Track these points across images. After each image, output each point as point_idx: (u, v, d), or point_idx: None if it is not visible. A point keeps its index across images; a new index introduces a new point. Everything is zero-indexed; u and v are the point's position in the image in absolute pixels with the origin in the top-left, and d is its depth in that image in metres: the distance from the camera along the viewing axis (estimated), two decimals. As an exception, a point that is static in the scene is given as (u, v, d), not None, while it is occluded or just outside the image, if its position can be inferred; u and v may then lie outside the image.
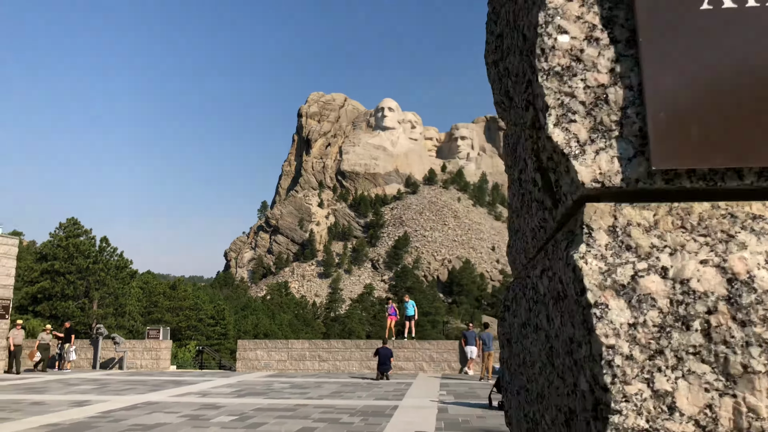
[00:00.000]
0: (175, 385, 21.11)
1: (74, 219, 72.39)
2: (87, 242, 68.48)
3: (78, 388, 20.13)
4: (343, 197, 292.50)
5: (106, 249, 70.71)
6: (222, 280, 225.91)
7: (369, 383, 22.10)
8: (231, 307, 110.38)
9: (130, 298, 71.21)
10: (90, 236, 71.00)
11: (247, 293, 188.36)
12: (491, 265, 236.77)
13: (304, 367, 27.58)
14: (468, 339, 24.79)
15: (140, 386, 20.68)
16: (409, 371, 26.98)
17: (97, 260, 67.75)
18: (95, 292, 66.45)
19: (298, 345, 28.04)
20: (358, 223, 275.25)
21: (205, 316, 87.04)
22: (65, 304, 63.23)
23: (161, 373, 26.66)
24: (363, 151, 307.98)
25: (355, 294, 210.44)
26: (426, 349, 27.31)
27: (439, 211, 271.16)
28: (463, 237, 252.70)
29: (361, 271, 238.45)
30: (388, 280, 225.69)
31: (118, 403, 16.08)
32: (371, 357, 27.31)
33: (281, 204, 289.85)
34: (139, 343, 29.18)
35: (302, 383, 21.92)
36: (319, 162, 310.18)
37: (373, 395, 18.04)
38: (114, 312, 67.27)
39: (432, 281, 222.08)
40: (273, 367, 27.76)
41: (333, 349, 27.68)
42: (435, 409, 15.20)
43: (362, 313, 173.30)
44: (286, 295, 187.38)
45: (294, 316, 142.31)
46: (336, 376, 25.26)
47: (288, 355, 27.83)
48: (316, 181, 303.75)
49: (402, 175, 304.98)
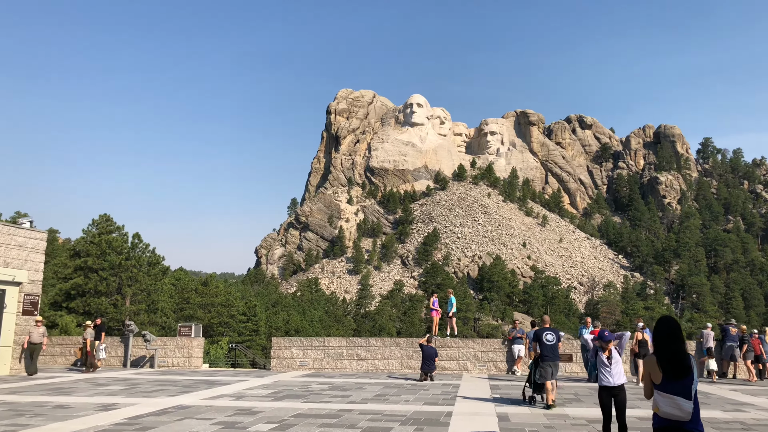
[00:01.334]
0: (207, 386, 19.91)
1: (107, 215, 72.39)
2: (119, 239, 68.33)
3: (106, 389, 19.06)
4: (372, 194, 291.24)
5: (139, 245, 70.49)
6: (253, 277, 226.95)
7: (413, 385, 20.59)
8: (262, 303, 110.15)
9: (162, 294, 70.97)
10: (122, 233, 70.91)
11: (278, 290, 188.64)
12: (522, 261, 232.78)
13: (342, 367, 26.19)
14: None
15: (171, 387, 19.52)
16: (453, 371, 25.39)
17: (129, 256, 67.49)
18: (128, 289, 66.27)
19: (335, 343, 26.66)
20: (387, 219, 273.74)
21: (237, 313, 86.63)
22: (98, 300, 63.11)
23: (193, 372, 25.58)
24: (392, 147, 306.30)
25: (384, 290, 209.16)
26: (470, 348, 25.67)
27: (468, 207, 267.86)
28: (493, 233, 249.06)
29: (391, 267, 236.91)
30: (418, 277, 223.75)
31: (147, 406, 14.87)
32: (411, 356, 25.79)
33: (311, 201, 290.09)
34: (171, 340, 28.16)
35: (341, 384, 20.51)
36: (348, 159, 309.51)
37: (420, 399, 16.52)
38: (146, 308, 67.04)
39: (462, 277, 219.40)
40: (309, 366, 26.45)
41: (372, 348, 26.22)
42: (494, 416, 13.61)
43: (392, 310, 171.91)
44: (316, 291, 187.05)
45: (324, 312, 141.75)
46: (376, 376, 23.82)
47: (324, 354, 26.46)
48: (345, 177, 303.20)
49: (431, 171, 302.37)
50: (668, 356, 6.52)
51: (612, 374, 10.64)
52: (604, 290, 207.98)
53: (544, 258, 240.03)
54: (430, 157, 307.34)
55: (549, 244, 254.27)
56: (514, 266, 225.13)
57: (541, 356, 15.52)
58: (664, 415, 6.35)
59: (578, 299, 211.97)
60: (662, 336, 6.69)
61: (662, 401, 6.37)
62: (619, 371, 10.70)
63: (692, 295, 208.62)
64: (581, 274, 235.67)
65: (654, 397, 6.53)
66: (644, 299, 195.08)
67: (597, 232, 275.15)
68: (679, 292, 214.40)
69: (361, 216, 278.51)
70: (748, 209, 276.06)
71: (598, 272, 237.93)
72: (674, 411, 6.28)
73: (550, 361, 15.37)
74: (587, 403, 16.13)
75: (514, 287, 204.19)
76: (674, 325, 6.80)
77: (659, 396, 6.43)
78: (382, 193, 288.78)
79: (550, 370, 15.31)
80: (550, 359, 15.38)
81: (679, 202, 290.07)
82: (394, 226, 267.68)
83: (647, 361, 6.61)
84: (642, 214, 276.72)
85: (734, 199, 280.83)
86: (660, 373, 6.45)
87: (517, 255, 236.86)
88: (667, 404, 6.31)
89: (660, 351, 6.58)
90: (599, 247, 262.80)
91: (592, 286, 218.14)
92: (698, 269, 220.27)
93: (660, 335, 6.70)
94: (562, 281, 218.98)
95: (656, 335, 6.72)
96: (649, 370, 6.55)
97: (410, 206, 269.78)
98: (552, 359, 15.41)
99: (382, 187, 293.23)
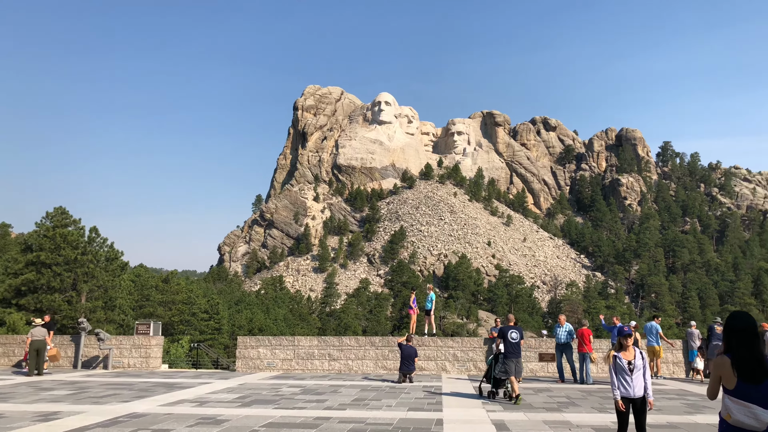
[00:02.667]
0: (166, 390, 18.10)
1: (62, 208, 69.01)
2: (75, 232, 64.98)
3: (50, 394, 17.06)
4: (338, 191, 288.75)
5: (96, 239, 67.22)
6: (215, 275, 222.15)
7: (392, 387, 19.17)
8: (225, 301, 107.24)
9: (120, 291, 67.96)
10: (78, 226, 67.57)
11: (241, 287, 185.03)
12: (487, 260, 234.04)
13: (313, 368, 24.58)
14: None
15: (125, 391, 17.64)
16: (431, 372, 24.07)
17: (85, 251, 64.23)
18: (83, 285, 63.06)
19: (306, 342, 25.01)
20: (354, 217, 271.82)
21: (199, 311, 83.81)
22: (51, 297, 59.87)
23: (151, 374, 23.63)
24: (359, 145, 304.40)
25: (350, 289, 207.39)
26: (449, 347, 24.38)
27: (435, 205, 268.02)
28: (459, 232, 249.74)
29: (357, 265, 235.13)
30: (384, 275, 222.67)
31: (94, 415, 13.06)
32: (387, 355, 24.38)
33: (276, 198, 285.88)
34: (127, 339, 26.07)
35: (314, 387, 18.95)
36: (315, 156, 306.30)
37: (404, 404, 15.11)
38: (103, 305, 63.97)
39: (428, 276, 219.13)
40: (277, 367, 24.77)
41: (345, 347, 24.68)
42: (489, 423, 12.29)
43: (358, 308, 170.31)
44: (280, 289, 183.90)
45: (289, 310, 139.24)
46: (350, 377, 22.32)
47: (294, 354, 24.80)
48: (312, 174, 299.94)
49: (398, 169, 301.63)
50: (746, 357, 5.59)
51: (633, 385, 9.07)
52: (567, 289, 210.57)
53: (509, 257, 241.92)
54: (397, 156, 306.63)
55: (513, 243, 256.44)
56: (479, 265, 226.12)
57: (504, 353, 16.18)
58: (736, 424, 5.60)
59: (541, 298, 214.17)
60: (738, 334, 5.63)
61: (735, 408, 5.59)
62: (640, 382, 9.11)
63: (651, 295, 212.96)
64: (544, 273, 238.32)
65: (725, 403, 5.73)
66: (606, 298, 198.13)
67: (560, 232, 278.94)
68: (639, 292, 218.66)
69: (327, 214, 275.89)
70: (704, 211, 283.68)
71: (560, 271, 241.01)
72: (749, 420, 5.50)
73: (514, 357, 16.06)
74: (584, 407, 14.98)
75: (479, 286, 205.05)
76: (752, 321, 5.68)
77: (732, 402, 5.62)
78: (349, 190, 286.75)
79: (513, 365, 15.96)
80: (513, 356, 16.09)
81: (640, 204, 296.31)
82: (360, 224, 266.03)
83: (718, 361, 5.73)
84: (603, 214, 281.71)
85: (691, 201, 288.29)
86: (734, 377, 5.60)
87: (482, 254, 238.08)
88: (742, 412, 5.55)
89: (736, 351, 5.64)
90: (562, 247, 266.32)
91: (554, 285, 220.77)
92: (657, 269, 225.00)
93: (736, 333, 5.63)
94: (526, 280, 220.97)
95: (730, 333, 5.65)
96: (721, 372, 5.70)
97: (377, 204, 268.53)
98: (515, 356, 16.12)
99: (349, 184, 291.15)
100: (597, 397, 17.00)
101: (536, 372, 23.75)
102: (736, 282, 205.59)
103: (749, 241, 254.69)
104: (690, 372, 23.64)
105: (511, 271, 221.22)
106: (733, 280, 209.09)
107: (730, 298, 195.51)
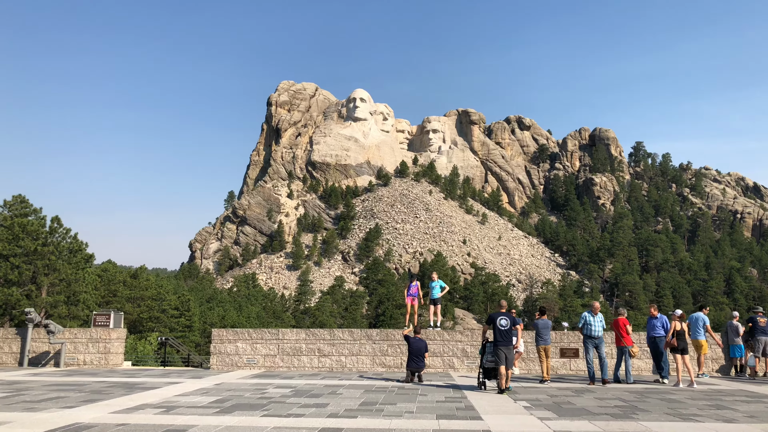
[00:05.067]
0: (126, 391, 14.74)
1: (21, 196, 64.56)
2: (36, 222, 60.58)
3: (-24, 397, 13.56)
4: (313, 188, 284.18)
5: (58, 230, 62.71)
6: (186, 272, 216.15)
7: (400, 387, 16.10)
8: (196, 298, 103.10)
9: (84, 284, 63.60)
10: (39, 216, 63.15)
11: (213, 285, 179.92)
12: (462, 258, 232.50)
13: (300, 364, 21.35)
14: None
15: (73, 393, 14.23)
16: (437, 369, 21.04)
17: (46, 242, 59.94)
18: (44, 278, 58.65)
19: (292, 336, 21.73)
20: (329, 214, 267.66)
21: (169, 307, 79.74)
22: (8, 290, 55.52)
23: (110, 372, 20.14)
24: (334, 141, 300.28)
25: (325, 286, 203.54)
26: (458, 342, 21.38)
27: (410, 203, 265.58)
28: (434, 230, 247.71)
29: (332, 263, 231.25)
30: (359, 273, 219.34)
31: (21, 428, 9.70)
32: (386, 351, 21.29)
33: (249, 194, 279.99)
34: (83, 332, 22.46)
35: (308, 388, 15.77)
36: (289, 152, 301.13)
37: (427, 409, 12.05)
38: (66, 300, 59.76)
39: (403, 274, 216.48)
40: (258, 364, 21.48)
41: (337, 341, 21.48)
42: (554, 436, 9.31)
43: (333, 306, 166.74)
44: (253, 287, 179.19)
45: (262, 308, 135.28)
46: (346, 376, 19.17)
47: (278, 349, 21.53)
48: (286, 171, 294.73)
49: (373, 167, 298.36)
50: None
51: None
52: (542, 287, 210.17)
53: (484, 255, 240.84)
54: (372, 153, 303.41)
55: (488, 241, 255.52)
56: (455, 263, 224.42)
57: (494, 341, 15.40)
58: None
59: (517, 296, 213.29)
60: None
61: None
62: None
63: (626, 293, 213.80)
64: (519, 272, 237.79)
65: None
66: (581, 297, 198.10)
67: (534, 231, 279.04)
68: (613, 290, 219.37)
69: (301, 211, 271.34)
70: (676, 211, 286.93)
71: (535, 270, 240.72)
72: None
73: (503, 345, 15.23)
74: (655, 412, 12.08)
75: (455, 283, 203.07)
76: None
77: None
78: (324, 187, 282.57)
79: (503, 354, 15.12)
80: (502, 344, 15.27)
81: (613, 203, 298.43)
82: (335, 221, 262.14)
83: None
84: (577, 214, 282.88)
85: (663, 201, 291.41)
86: None
87: (458, 252, 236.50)
88: None
89: None
90: (536, 246, 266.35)
91: (530, 284, 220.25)
92: (631, 268, 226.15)
93: None
94: (502, 278, 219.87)
95: None
96: None
97: (352, 202, 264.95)
98: (504, 344, 15.26)
99: (324, 181, 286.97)
100: (656, 399, 14.12)
101: (557, 369, 20.92)
102: (708, 281, 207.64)
103: (720, 240, 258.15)
104: (735, 368, 20.95)
105: (487, 270, 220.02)
106: (705, 279, 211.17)
107: (703, 296, 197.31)
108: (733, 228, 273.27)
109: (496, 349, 15.20)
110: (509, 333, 15.40)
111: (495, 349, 15.26)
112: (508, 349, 15.21)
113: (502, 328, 15.38)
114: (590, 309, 18.56)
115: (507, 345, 15.24)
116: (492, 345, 15.56)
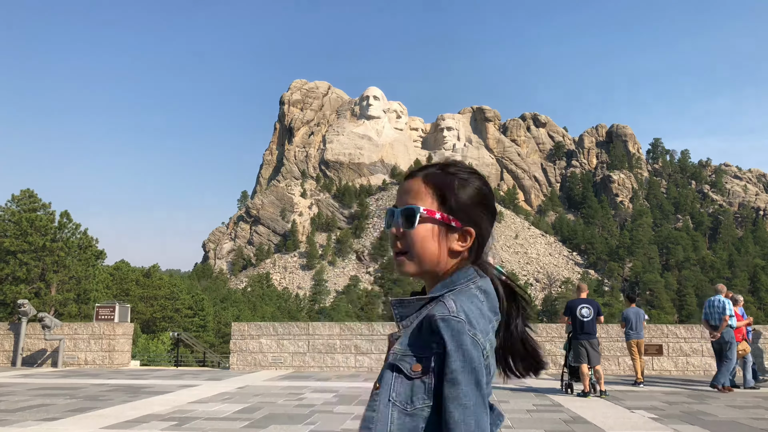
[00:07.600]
0: (128, 396, 11.89)
1: (30, 191, 62.44)
2: (44, 217, 58.39)
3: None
4: (326, 187, 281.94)
5: (67, 225, 60.44)
6: (200, 272, 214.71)
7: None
8: (210, 298, 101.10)
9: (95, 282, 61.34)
10: (48, 211, 60.96)
11: (227, 285, 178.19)
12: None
13: (334, 363, 18.44)
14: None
15: (62, 400, 11.41)
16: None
17: (55, 238, 57.80)
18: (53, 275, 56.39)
19: (324, 330, 18.83)
20: (342, 213, 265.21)
21: (182, 306, 77.55)
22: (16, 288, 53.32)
23: (115, 373, 17.35)
24: (347, 140, 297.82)
25: (339, 286, 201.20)
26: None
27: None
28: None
29: (346, 263, 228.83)
30: (374, 272, 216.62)
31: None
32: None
33: (262, 194, 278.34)
34: (84, 326, 19.72)
35: (353, 393, 12.84)
36: (302, 151, 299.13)
37: (523, 422, 9.06)
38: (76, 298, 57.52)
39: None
40: (286, 364, 18.59)
41: (376, 337, 18.54)
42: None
43: (349, 306, 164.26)
44: (267, 287, 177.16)
45: (276, 308, 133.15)
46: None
47: (309, 346, 18.64)
48: (299, 170, 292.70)
49: (387, 165, 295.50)
50: None
51: None
52: (562, 286, 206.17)
53: (501, 254, 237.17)
54: (386, 151, 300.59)
55: (505, 240, 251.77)
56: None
57: (573, 334, 13.56)
58: None
59: (535, 295, 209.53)
60: None
61: None
62: None
63: (646, 292, 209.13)
64: (537, 271, 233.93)
65: None
66: (602, 296, 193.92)
67: (551, 229, 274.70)
68: (634, 289, 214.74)
69: (315, 210, 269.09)
70: (696, 208, 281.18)
71: (553, 269, 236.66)
72: None
73: (585, 339, 13.31)
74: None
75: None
76: None
77: None
78: (337, 186, 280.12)
79: (584, 351, 13.23)
80: (584, 338, 13.35)
81: (631, 201, 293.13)
82: (349, 220, 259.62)
83: None
84: (595, 211, 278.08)
85: (683, 198, 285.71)
86: None
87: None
88: None
89: None
90: (554, 244, 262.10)
91: (549, 283, 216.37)
92: (652, 266, 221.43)
93: None
94: (519, 277, 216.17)
95: None
96: None
97: (366, 200, 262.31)
98: (587, 338, 13.33)
99: (337, 180, 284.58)
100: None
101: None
102: (732, 279, 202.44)
103: (743, 238, 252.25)
104: None
105: (504, 269, 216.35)
106: (729, 278, 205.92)
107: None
108: (756, 225, 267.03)
109: (577, 344, 13.39)
110: (592, 324, 13.42)
111: (576, 343, 13.44)
112: (591, 344, 13.34)
113: (584, 318, 13.38)
114: (718, 291, 15.41)
115: (589, 339, 13.36)
116: (574, 339, 13.69)
